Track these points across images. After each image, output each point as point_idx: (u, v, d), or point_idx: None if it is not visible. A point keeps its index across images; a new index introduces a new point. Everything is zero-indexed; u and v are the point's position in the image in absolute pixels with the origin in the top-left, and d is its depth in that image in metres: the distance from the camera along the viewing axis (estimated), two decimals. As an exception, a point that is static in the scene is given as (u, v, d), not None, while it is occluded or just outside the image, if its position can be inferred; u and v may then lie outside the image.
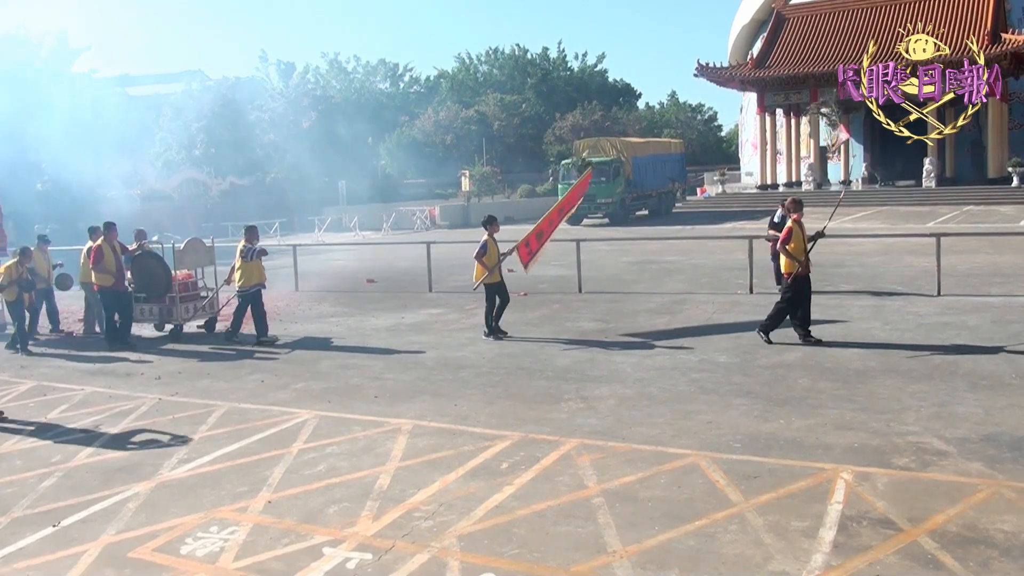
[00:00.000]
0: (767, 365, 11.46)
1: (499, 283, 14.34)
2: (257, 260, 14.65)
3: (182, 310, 15.74)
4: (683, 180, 55.25)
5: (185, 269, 16.11)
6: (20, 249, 15.51)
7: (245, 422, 9.93)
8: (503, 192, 59.74)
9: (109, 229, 15.18)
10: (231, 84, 61.96)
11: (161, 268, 15.61)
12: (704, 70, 53.00)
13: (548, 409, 9.83)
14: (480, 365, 12.28)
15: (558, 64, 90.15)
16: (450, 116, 70.85)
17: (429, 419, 9.65)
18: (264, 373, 12.49)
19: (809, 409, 9.35)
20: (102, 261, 14.84)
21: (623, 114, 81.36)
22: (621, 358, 12.35)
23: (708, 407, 9.60)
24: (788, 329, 13.24)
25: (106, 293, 15.03)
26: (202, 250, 16.60)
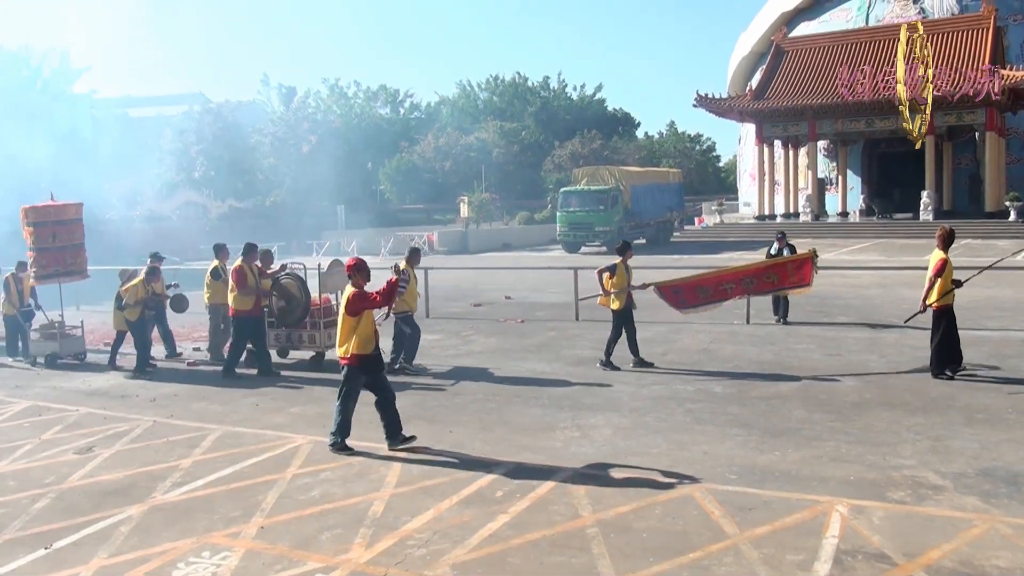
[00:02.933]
0: (763, 396, 11.45)
1: (626, 311, 13.89)
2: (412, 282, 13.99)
3: (325, 336, 14.64)
4: (681, 210, 55.46)
5: (328, 292, 15.05)
6: (148, 268, 14.94)
7: (239, 446, 9.90)
8: (501, 219, 59.92)
9: (249, 251, 14.28)
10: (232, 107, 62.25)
11: (302, 292, 14.56)
12: (703, 101, 53.33)
13: (543, 437, 9.80)
14: (475, 392, 12.26)
15: (558, 93, 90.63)
16: (450, 142, 71.12)
17: (424, 445, 9.62)
18: (259, 397, 12.45)
19: (805, 441, 9.34)
20: (246, 283, 13.93)
21: (622, 143, 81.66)
22: (617, 387, 12.34)
23: (704, 437, 9.59)
24: (784, 357, 13.23)
25: (243, 319, 14.03)
26: (343, 272, 15.94)
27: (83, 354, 16.03)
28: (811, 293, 15.37)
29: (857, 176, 57.17)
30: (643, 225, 47.24)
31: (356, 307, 9.37)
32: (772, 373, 12.90)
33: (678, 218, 54.14)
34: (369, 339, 9.51)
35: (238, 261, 14.14)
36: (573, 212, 43.86)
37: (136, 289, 14.49)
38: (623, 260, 13.93)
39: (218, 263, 15.25)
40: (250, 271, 14.05)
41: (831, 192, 57.95)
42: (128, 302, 14.44)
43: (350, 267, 9.58)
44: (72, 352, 15.89)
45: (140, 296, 14.48)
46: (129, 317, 14.54)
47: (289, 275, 14.75)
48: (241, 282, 13.86)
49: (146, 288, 14.59)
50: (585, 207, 43.60)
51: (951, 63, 47.10)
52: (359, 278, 9.53)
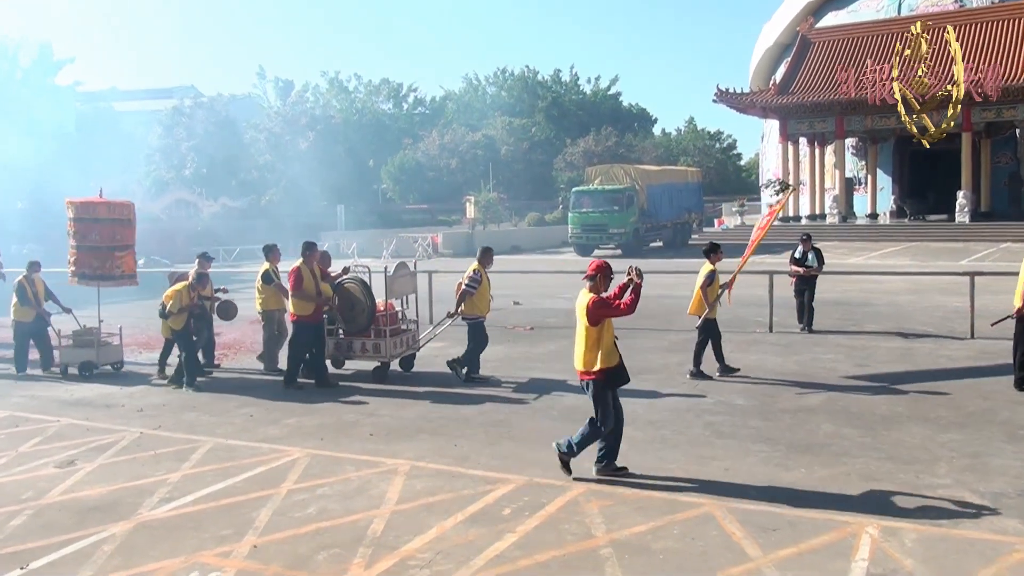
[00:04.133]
0: (788, 409, 11.40)
1: (715, 319, 13.74)
2: (484, 284, 13.84)
3: (391, 345, 14.23)
4: (700, 211, 55.46)
5: (393, 297, 14.68)
6: (196, 273, 14.48)
7: (232, 459, 9.88)
8: (510, 220, 59.96)
9: (309, 250, 13.90)
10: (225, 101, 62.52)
11: (367, 297, 14.13)
12: (724, 96, 53.30)
13: (554, 451, 9.75)
14: (482, 403, 12.23)
15: (570, 87, 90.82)
16: (455, 139, 71.30)
17: (427, 460, 9.60)
18: (253, 407, 12.44)
19: (832, 457, 9.28)
20: (302, 287, 13.54)
21: (638, 140, 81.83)
22: (632, 399, 12.28)
23: (724, 452, 9.54)
24: (809, 368, 13.18)
25: (302, 325, 13.63)
26: (409, 276, 15.24)
27: (120, 363, 15.65)
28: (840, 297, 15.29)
29: (888, 175, 57.02)
30: (659, 227, 47.23)
31: (598, 315, 8.81)
32: (797, 384, 12.85)
33: (697, 220, 54.14)
34: (613, 350, 9.01)
35: (297, 262, 13.80)
36: (586, 213, 43.87)
37: (180, 295, 13.92)
38: (713, 263, 13.72)
39: (269, 265, 14.93)
40: (308, 273, 13.65)
41: (860, 192, 57.83)
42: (172, 309, 13.83)
43: (597, 270, 9.00)
44: (109, 361, 15.48)
45: (185, 303, 13.93)
46: (173, 326, 14.00)
47: (352, 278, 14.36)
48: (296, 284, 13.52)
49: (191, 294, 14.09)
50: (598, 208, 43.61)
51: (990, 54, 46.98)
52: (602, 283, 9.04)
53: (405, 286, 15.03)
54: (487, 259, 13.93)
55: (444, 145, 70.99)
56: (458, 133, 72.65)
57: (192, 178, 56.60)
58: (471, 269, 13.84)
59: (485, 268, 13.86)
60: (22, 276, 16.00)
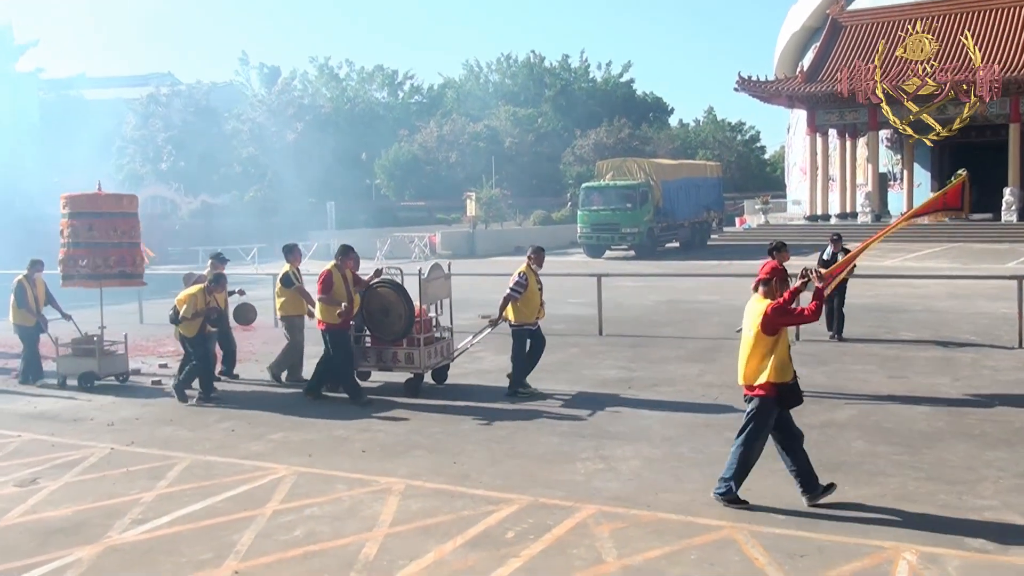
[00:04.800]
0: (816, 424, 11.37)
1: None
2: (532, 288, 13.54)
3: (426, 355, 13.95)
4: (720, 208, 55.45)
5: (428, 302, 14.38)
6: (212, 274, 14.27)
7: (211, 477, 9.88)
8: (514, 218, 60.01)
9: (345, 254, 13.63)
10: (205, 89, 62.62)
11: (405, 303, 13.73)
12: (746, 84, 53.32)
13: (562, 470, 9.76)
14: (484, 417, 12.23)
15: (579, 74, 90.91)
16: (455, 131, 71.36)
17: (424, 478, 9.59)
18: (235, 420, 12.44)
19: (866, 476, 9.25)
20: (331, 290, 13.32)
21: (653, 132, 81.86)
22: (647, 412, 12.28)
23: (748, 472, 9.51)
24: (839, 379, 13.14)
25: (336, 333, 13.44)
26: (443, 279, 15.00)
27: (125, 374, 15.47)
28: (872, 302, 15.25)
29: (925, 171, 56.94)
30: (676, 226, 47.25)
31: (777, 324, 8.45)
32: (826, 397, 12.82)
33: (716, 218, 54.14)
34: (787, 364, 8.53)
35: (330, 263, 13.60)
36: (596, 211, 43.90)
37: (195, 299, 13.60)
38: (776, 263, 12.98)
39: (290, 267, 14.80)
40: (340, 277, 13.42)
41: (894, 189, 57.81)
42: (185, 315, 13.53)
43: (772, 273, 8.46)
44: (113, 372, 15.29)
45: (200, 307, 13.61)
46: (186, 332, 13.73)
47: (386, 282, 14.03)
48: (325, 287, 13.29)
49: (206, 298, 13.78)
50: (610, 205, 43.64)
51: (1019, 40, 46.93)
52: (778, 288, 8.56)
53: (440, 290, 14.79)
54: (539, 259, 13.77)
55: (443, 137, 71.07)
56: (458, 124, 72.71)
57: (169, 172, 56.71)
58: (518, 271, 13.64)
59: (535, 269, 13.66)
60: (22, 275, 15.74)
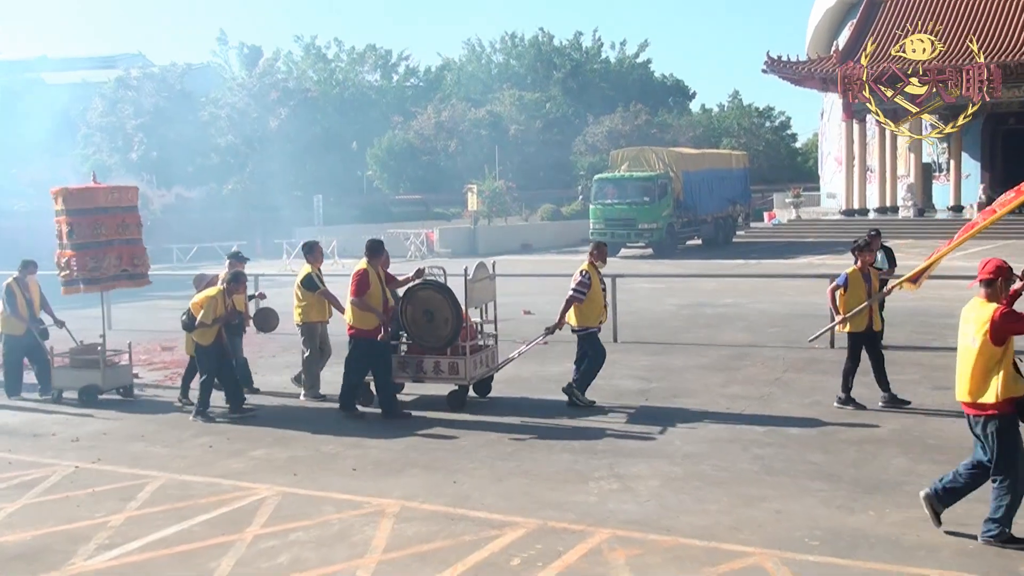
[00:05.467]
0: (853, 439, 11.36)
1: (868, 334, 13.12)
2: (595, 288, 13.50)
3: (471, 365, 13.63)
4: (746, 202, 55.44)
5: (474, 306, 14.13)
6: (231, 274, 13.90)
7: (187, 499, 9.89)
8: (520, 213, 59.97)
9: (376, 250, 13.39)
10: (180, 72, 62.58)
11: (450, 307, 13.38)
12: (776, 64, 53.27)
13: (573, 490, 9.77)
14: (487, 431, 12.24)
15: (592, 55, 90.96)
16: (455, 117, 71.39)
17: (421, 499, 9.60)
18: (214, 436, 12.46)
19: (908, 498, 9.23)
20: (367, 292, 13.04)
21: (672, 118, 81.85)
22: (666, 426, 12.27)
23: (776, 492, 9.52)
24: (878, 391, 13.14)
25: (363, 341, 13.17)
26: (488, 280, 14.66)
27: (129, 388, 15.31)
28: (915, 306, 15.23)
29: (975, 160, 56.79)
30: (698, 221, 47.25)
31: (1008, 331, 7.95)
32: (865, 410, 12.83)
33: (742, 213, 54.15)
34: (1017, 375, 8.03)
35: (361, 263, 13.30)
36: (611, 205, 43.90)
37: (215, 302, 13.25)
38: (859, 266, 13.10)
39: (311, 268, 14.45)
40: (376, 277, 13.21)
41: (940, 181, 57.72)
42: (204, 320, 13.19)
43: (997, 272, 8.07)
44: (116, 385, 15.12)
45: (220, 312, 13.28)
46: (201, 341, 13.38)
47: (430, 284, 13.71)
48: (360, 288, 12.97)
49: (226, 301, 13.46)
50: (626, 199, 43.63)
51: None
52: (1003, 289, 8.17)
53: (485, 292, 14.53)
54: (600, 256, 13.73)
55: (441, 124, 71.10)
56: (458, 109, 72.75)
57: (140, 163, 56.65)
58: (579, 270, 13.55)
59: (598, 267, 13.60)
60: (11, 278, 15.48)
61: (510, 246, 49.15)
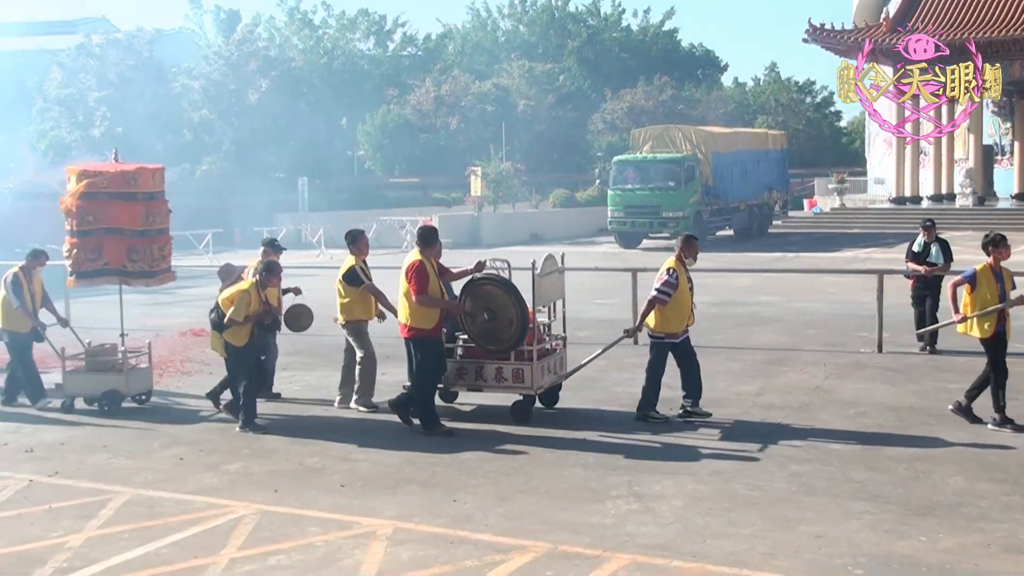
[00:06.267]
0: (902, 457, 11.35)
1: (999, 339, 12.78)
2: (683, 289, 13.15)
3: (539, 372, 13.26)
4: (784, 188, 55.35)
5: (543, 304, 13.83)
6: (264, 264, 13.63)
7: (155, 517, 9.90)
8: (529, 199, 59.89)
9: (430, 239, 13.13)
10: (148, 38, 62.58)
11: (515, 306, 13.02)
12: (818, 33, 53.11)
13: (587, 510, 9.78)
14: (490, 444, 12.25)
15: (611, 22, 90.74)
16: (457, 91, 71.27)
17: (417, 520, 9.60)
18: (185, 447, 12.46)
19: (965, 522, 9.23)
20: (428, 289, 12.71)
21: (701, 93, 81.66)
22: (692, 440, 12.27)
23: (816, 514, 9.52)
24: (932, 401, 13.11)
25: (427, 342, 12.89)
26: (557, 275, 14.30)
27: (148, 394, 15.09)
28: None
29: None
30: (730, 209, 47.18)
31: None
32: (916, 423, 12.81)
33: (780, 200, 54.06)
34: None
35: (413, 254, 13.00)
36: (631, 191, 43.82)
37: (248, 297, 13.06)
38: (991, 262, 12.83)
39: (355, 260, 14.19)
40: (433, 270, 12.92)
41: (1002, 165, 57.54)
42: (235, 317, 12.97)
43: None
44: (138, 391, 14.89)
45: (254, 308, 13.14)
46: (234, 341, 13.19)
47: (491, 279, 13.37)
48: (421, 285, 12.64)
49: (261, 295, 13.32)
50: (648, 183, 43.57)
51: None
52: None
53: (554, 289, 14.16)
54: (690, 251, 13.33)
55: (442, 98, 70.98)
56: (460, 82, 72.62)
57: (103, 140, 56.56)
58: (665, 267, 13.21)
59: (686, 265, 13.25)
60: (18, 268, 15.16)
61: (518, 236, 48.98)
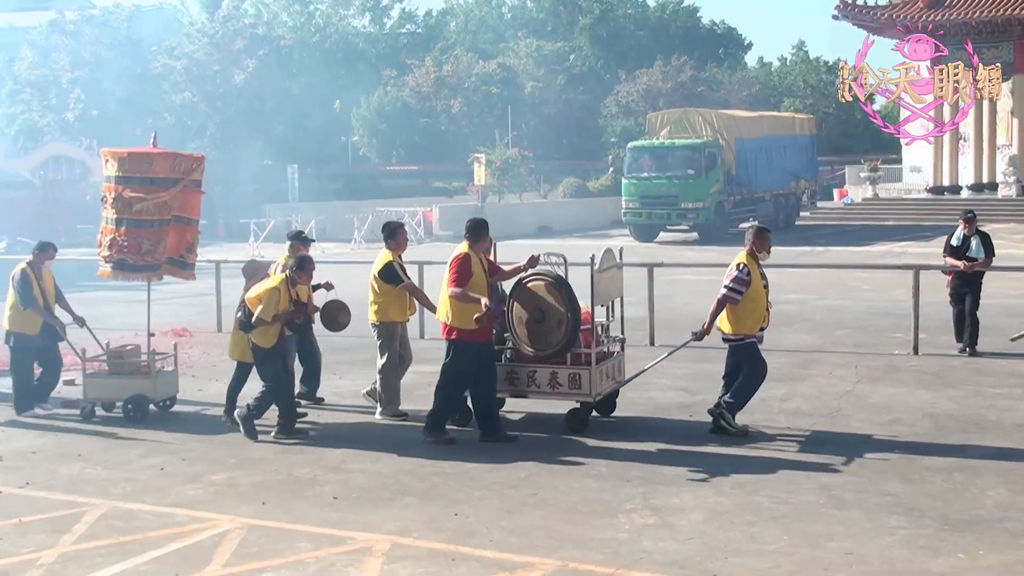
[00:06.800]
0: (939, 468, 11.34)
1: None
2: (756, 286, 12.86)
3: (597, 377, 13.05)
4: (813, 177, 55.27)
5: (602, 303, 13.64)
6: (296, 260, 13.53)
7: (133, 531, 9.90)
8: (537, 188, 59.90)
9: (480, 231, 12.88)
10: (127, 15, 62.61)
11: (565, 307, 12.78)
12: (849, 9, 53.06)
13: (600, 524, 9.77)
14: (495, 454, 12.25)
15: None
16: (459, 72, 71.27)
17: (416, 534, 9.60)
18: (165, 455, 12.47)
19: (1007, 538, 9.23)
20: (469, 282, 12.48)
21: (723, 74, 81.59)
22: (713, 449, 12.26)
23: (847, 529, 9.51)
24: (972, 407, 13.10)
25: (465, 345, 12.62)
26: (616, 270, 14.17)
27: (172, 400, 14.98)
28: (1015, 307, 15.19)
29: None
30: (754, 199, 47.10)
31: None
32: (954, 431, 12.80)
33: (808, 189, 54.02)
34: None
35: (462, 247, 12.85)
36: (648, 179, 43.81)
37: (276, 295, 12.93)
38: None
39: (392, 255, 13.78)
40: (480, 265, 12.76)
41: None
42: (263, 316, 12.83)
43: None
44: (165, 395, 14.78)
45: (284, 307, 13.00)
46: (262, 342, 13.10)
47: (543, 275, 13.18)
48: (462, 275, 12.49)
49: (291, 292, 13.21)
50: (666, 172, 43.56)
51: None
52: None
53: (613, 286, 14.00)
54: (763, 244, 13.15)
55: (443, 79, 70.98)
56: (463, 62, 72.62)
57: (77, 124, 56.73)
58: (735, 263, 12.97)
59: (758, 261, 13.01)
60: (25, 263, 14.96)
61: (525, 228, 49.01)
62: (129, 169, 14.47)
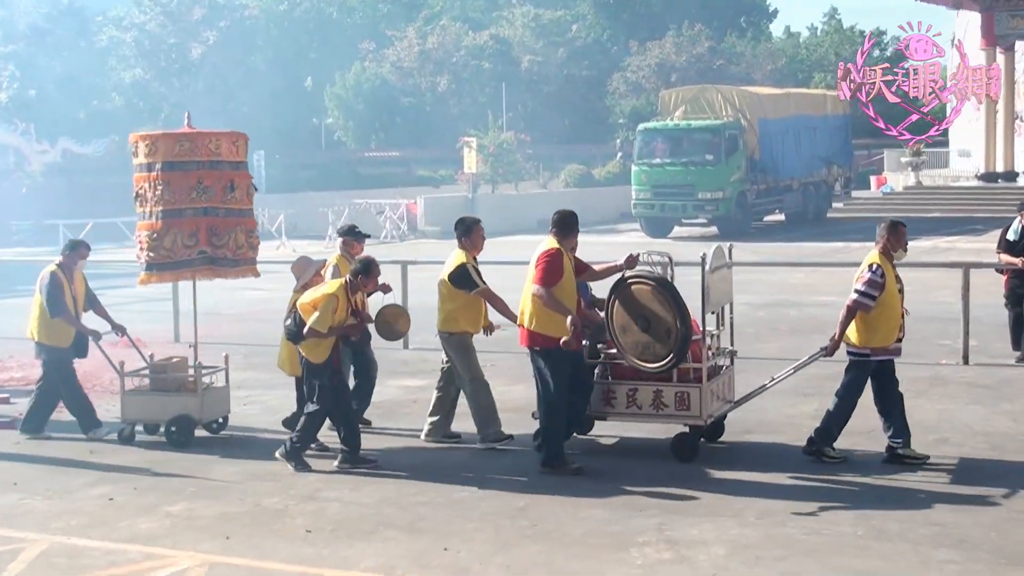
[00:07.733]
0: (995, 494, 11.34)
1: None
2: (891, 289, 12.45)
3: (709, 397, 12.67)
4: (847, 162, 55.26)
5: (712, 309, 13.29)
6: (362, 262, 13.20)
7: (78, 571, 9.89)
8: (536, 176, 59.84)
9: (568, 225, 12.61)
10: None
11: (673, 314, 12.32)
12: (889, -27, 53.06)
13: (608, 559, 9.78)
14: (492, 480, 12.28)
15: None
16: (446, 44, 71.27)
17: (401, 572, 9.60)
18: (114, 484, 12.47)
19: (1069, 573, 9.24)
20: (556, 281, 12.19)
21: (745, 46, 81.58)
22: (736, 474, 12.27)
23: (890, 564, 9.53)
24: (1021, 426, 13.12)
25: (557, 356, 12.26)
26: (726, 270, 13.92)
27: (224, 420, 14.74)
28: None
29: None
30: (780, 189, 47.11)
31: None
32: (1011, 451, 12.81)
33: (841, 177, 54.00)
34: None
35: (550, 241, 12.48)
36: (660, 166, 43.82)
37: (334, 302, 12.58)
38: None
39: (466, 256, 13.53)
40: (570, 263, 12.47)
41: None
42: (318, 327, 12.51)
43: None
44: (214, 416, 14.48)
45: (342, 317, 12.70)
46: (312, 356, 12.78)
47: (644, 278, 12.77)
48: (552, 274, 12.17)
49: (351, 301, 12.88)
50: (681, 157, 43.56)
51: None
52: None
53: (723, 290, 13.71)
54: (898, 240, 12.70)
55: (428, 53, 71.00)
56: (451, 34, 72.64)
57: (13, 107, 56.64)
58: (867, 263, 12.56)
59: (893, 260, 12.66)
60: (55, 264, 14.68)
61: (522, 222, 48.75)
62: (171, 152, 13.95)
